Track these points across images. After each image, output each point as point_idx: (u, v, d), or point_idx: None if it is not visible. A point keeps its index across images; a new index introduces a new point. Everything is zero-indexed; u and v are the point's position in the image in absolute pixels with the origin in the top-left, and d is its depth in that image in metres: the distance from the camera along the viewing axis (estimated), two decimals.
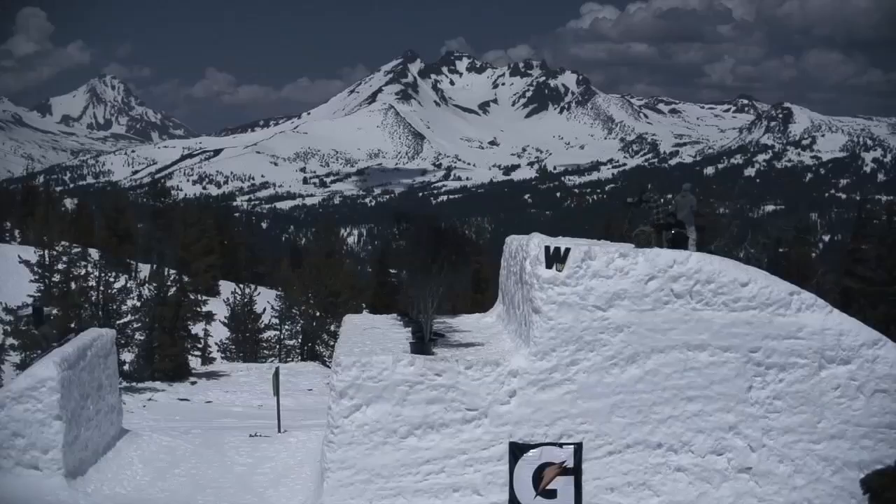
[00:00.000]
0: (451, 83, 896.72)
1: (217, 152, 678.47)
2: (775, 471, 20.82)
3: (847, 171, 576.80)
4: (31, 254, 53.01)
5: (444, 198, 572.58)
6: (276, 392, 31.35)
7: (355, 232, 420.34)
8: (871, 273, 48.61)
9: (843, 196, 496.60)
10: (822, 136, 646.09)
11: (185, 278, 56.14)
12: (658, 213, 24.59)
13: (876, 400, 20.83)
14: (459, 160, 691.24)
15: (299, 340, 61.58)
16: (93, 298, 47.57)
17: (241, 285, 62.76)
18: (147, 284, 51.45)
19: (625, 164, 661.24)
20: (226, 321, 59.73)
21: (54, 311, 45.39)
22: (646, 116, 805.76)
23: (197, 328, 54.58)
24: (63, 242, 56.35)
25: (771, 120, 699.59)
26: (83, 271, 49.02)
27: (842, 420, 20.83)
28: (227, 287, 70.56)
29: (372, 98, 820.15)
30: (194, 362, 52.59)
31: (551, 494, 20.55)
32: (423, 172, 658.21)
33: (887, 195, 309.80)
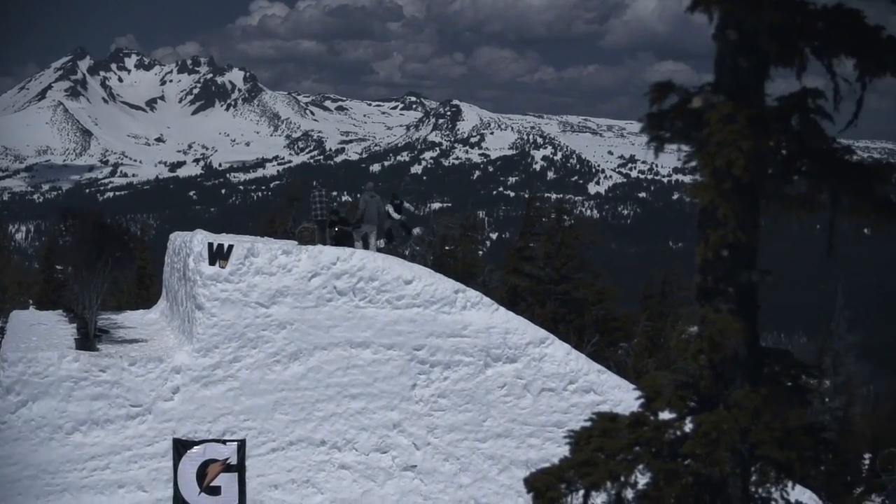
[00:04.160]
0: (120, 80, 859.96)
1: None
2: (441, 469, 20.81)
3: (516, 168, 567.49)
4: None
5: (111, 194, 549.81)
6: None
7: (23, 228, 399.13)
8: (538, 271, 47.58)
9: (512, 194, 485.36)
10: (492, 133, 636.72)
11: None
12: (320, 209, 24.18)
13: (543, 398, 21.07)
14: (126, 157, 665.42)
15: None
16: None
17: None
18: None
19: (290, 161, 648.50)
20: None
21: None
22: (312, 114, 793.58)
23: None
24: None
25: (439, 117, 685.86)
26: None
27: (508, 418, 20.97)
28: None
29: (42, 95, 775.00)
30: None
31: (215, 491, 20.20)
32: (91, 169, 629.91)
33: (556, 193, 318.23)
